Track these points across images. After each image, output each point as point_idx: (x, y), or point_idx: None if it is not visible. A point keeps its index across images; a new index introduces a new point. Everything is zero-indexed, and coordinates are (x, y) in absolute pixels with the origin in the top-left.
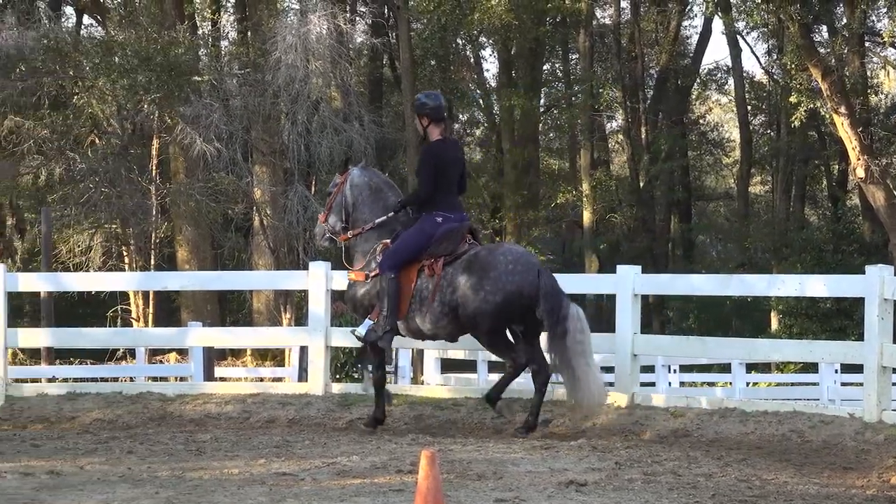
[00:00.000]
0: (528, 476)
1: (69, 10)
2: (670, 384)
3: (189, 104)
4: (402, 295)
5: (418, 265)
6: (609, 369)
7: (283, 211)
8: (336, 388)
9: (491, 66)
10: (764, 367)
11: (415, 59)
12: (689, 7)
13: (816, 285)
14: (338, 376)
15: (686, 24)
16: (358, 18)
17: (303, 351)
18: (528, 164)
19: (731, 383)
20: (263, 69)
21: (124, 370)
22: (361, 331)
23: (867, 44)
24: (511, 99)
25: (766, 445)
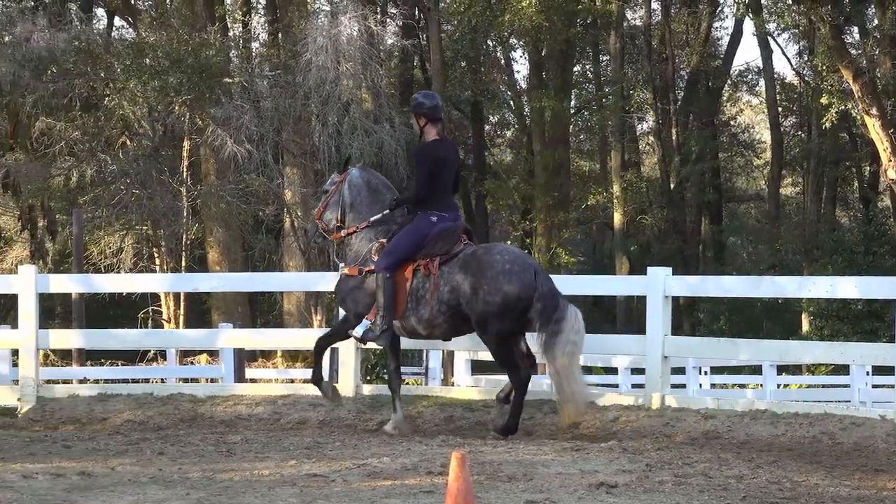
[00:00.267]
0: (558, 478)
1: (100, 12)
2: (701, 386)
3: (220, 106)
4: (398, 294)
5: (414, 264)
6: (640, 371)
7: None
8: (367, 389)
9: (521, 68)
10: (795, 369)
11: (445, 60)
12: (719, 8)
13: (847, 287)
14: (368, 378)
15: (717, 25)
16: (388, 20)
17: (333, 352)
18: (559, 166)
19: (762, 385)
20: (294, 71)
21: (155, 371)
22: (359, 331)
23: None
24: (542, 100)
25: (797, 447)
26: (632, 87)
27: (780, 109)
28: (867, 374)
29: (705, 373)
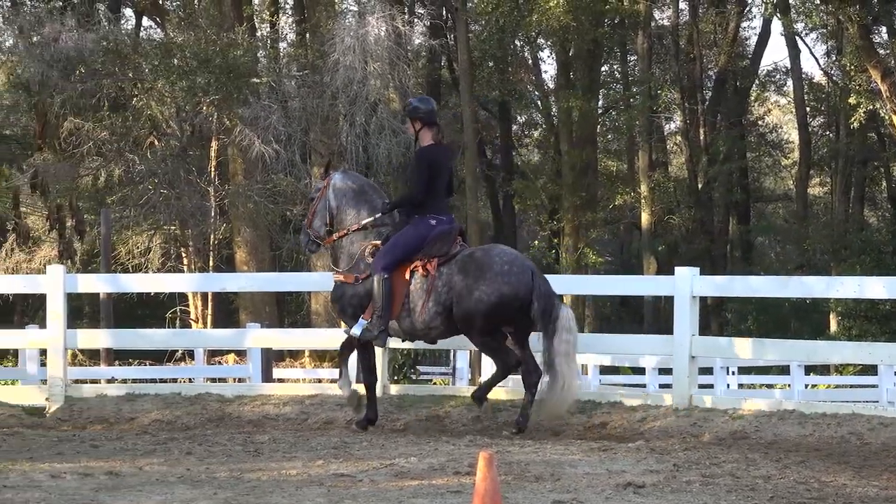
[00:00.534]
0: (585, 478)
1: (128, 13)
2: (728, 386)
3: (248, 106)
4: (395, 295)
5: (410, 266)
6: (667, 371)
7: None
8: (394, 389)
9: (549, 68)
10: (822, 370)
11: (473, 60)
12: (747, 8)
13: (876, 287)
14: (395, 378)
15: (745, 25)
16: (416, 20)
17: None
18: (587, 166)
19: (789, 385)
20: (322, 71)
21: (183, 371)
22: (356, 330)
23: None
24: (569, 100)
25: (825, 447)
26: (659, 86)
27: (808, 109)
28: (895, 374)
29: (733, 373)
